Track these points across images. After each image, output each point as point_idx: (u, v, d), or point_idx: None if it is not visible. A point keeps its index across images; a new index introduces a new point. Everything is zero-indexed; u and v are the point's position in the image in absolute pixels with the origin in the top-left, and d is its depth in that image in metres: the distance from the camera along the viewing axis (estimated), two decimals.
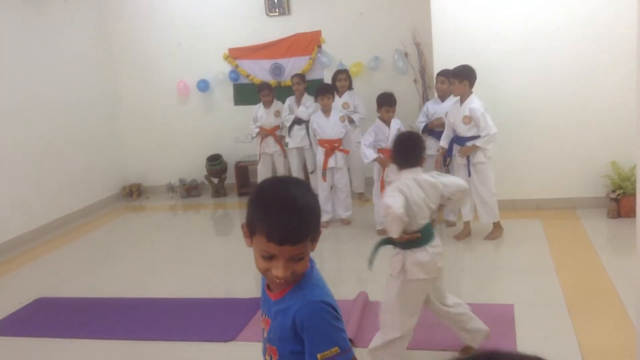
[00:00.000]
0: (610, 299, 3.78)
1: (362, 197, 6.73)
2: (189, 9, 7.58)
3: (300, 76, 6.76)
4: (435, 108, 5.52)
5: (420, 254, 3.01)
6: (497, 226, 5.12)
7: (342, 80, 6.46)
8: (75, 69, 7.23)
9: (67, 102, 7.02)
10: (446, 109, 5.30)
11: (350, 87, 6.54)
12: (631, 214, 4.96)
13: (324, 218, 5.96)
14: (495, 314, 3.67)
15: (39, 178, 6.51)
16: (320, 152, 5.87)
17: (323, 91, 5.83)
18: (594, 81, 5.41)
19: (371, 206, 6.02)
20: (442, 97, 5.48)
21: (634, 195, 3.75)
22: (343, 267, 5.02)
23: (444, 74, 5.36)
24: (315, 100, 5.96)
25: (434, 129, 5.48)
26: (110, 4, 7.79)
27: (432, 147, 5.40)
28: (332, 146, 5.81)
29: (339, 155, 5.84)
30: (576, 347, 3.22)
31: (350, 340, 3.39)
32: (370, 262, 3.09)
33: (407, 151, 3.13)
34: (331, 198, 5.97)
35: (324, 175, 5.85)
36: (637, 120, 2.42)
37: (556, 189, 5.68)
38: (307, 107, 6.58)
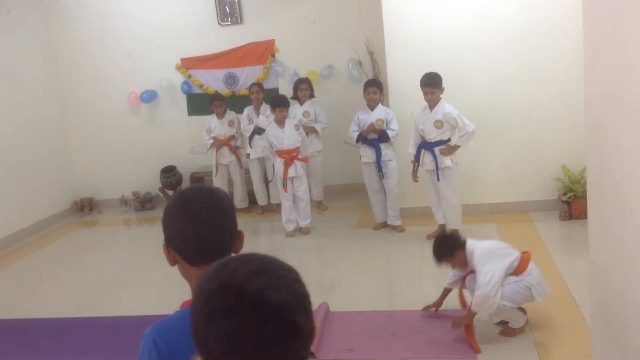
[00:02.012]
0: (564, 300, 3.86)
1: (320, 205, 6.72)
2: (139, 19, 7.44)
3: (259, 85, 6.72)
4: (366, 117, 5.58)
5: None
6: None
7: (304, 90, 6.43)
8: (21, 83, 6.99)
9: (12, 116, 6.78)
10: (376, 117, 5.47)
11: (311, 96, 6.54)
12: (582, 215, 5.11)
13: (289, 228, 5.93)
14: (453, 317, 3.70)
15: None
16: (279, 163, 5.84)
17: (279, 103, 5.81)
18: (544, 87, 5.55)
19: (330, 214, 6.03)
20: (372, 106, 5.56)
21: (584, 197, 3.86)
22: (304, 277, 4.97)
23: (375, 84, 5.62)
24: (272, 112, 5.93)
25: (367, 137, 5.55)
26: (56, 14, 7.57)
27: (369, 155, 5.57)
28: (290, 156, 5.79)
29: (298, 164, 5.83)
30: (534, 349, 3.27)
31: (311, 352, 3.38)
32: None
33: None
34: (295, 207, 5.95)
35: (284, 185, 5.82)
36: (586, 125, 2.48)
37: (510, 193, 5.80)
38: (267, 116, 6.54)
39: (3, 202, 6.51)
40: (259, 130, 6.56)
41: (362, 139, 5.59)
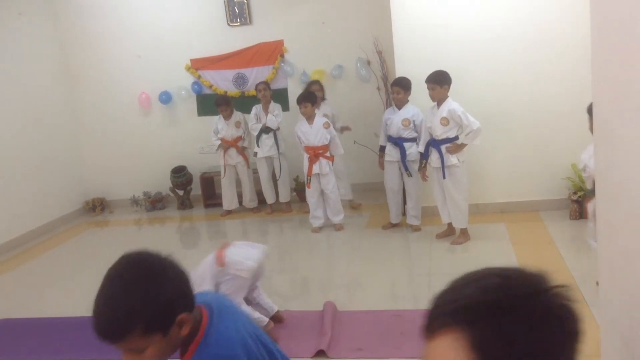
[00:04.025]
0: (576, 301, 3.84)
1: (352, 203, 6.64)
2: (149, 20, 7.49)
3: (266, 83, 6.73)
4: (391, 117, 5.56)
5: None
6: (464, 232, 5.19)
7: (316, 92, 6.27)
8: (33, 84, 7.06)
9: (24, 117, 6.85)
10: (402, 116, 5.42)
11: (323, 98, 6.45)
12: None
13: (314, 224, 5.95)
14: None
15: None
16: (305, 159, 5.87)
17: (301, 99, 5.83)
18: (553, 84, 5.53)
19: (363, 211, 6.04)
20: (399, 106, 5.54)
21: (594, 196, 3.84)
22: (313, 275, 4.99)
23: (398, 83, 5.50)
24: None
25: (392, 136, 5.53)
26: (67, 16, 7.64)
27: (393, 154, 5.53)
28: (315, 152, 5.81)
29: (323, 161, 5.83)
30: None
31: (322, 351, 3.40)
32: None
33: None
34: (322, 204, 5.96)
35: (308, 182, 5.84)
36: (594, 123, 2.47)
37: (519, 192, 5.78)
38: (276, 115, 6.55)
39: (16, 203, 6.58)
40: (266, 130, 6.58)
41: (390, 138, 5.57)
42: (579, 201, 5.39)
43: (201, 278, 3.71)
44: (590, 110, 4.38)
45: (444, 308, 0.95)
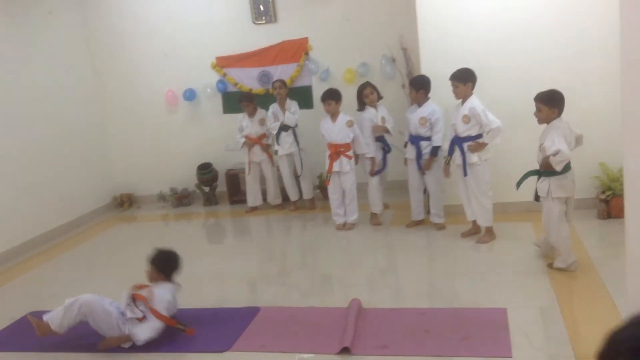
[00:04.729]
0: (603, 299, 3.80)
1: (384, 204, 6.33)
2: (175, 19, 7.58)
3: (281, 81, 6.76)
4: (411, 115, 5.56)
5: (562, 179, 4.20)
6: (489, 230, 5.16)
7: (370, 95, 5.80)
8: (62, 81, 7.20)
9: (55, 114, 6.99)
10: (420, 115, 5.44)
11: (380, 97, 5.93)
12: (621, 214, 4.95)
13: (339, 221, 5.99)
14: (488, 319, 3.69)
15: (28, 190, 6.47)
16: (327, 156, 5.91)
17: (325, 97, 5.85)
18: (582, 82, 5.44)
19: (363, 211, 6.04)
20: (419, 104, 5.52)
21: (622, 195, 3.78)
22: (337, 273, 5.00)
23: (412, 83, 5.56)
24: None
25: (411, 134, 5.54)
26: (95, 14, 7.77)
27: (411, 152, 5.58)
28: (337, 150, 5.82)
29: (344, 160, 5.84)
30: (570, 349, 3.23)
31: (346, 348, 3.42)
32: (518, 185, 4.51)
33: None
34: (344, 202, 5.98)
35: (327, 179, 5.87)
36: (622, 121, 2.44)
37: None
38: (293, 112, 6.59)
39: (47, 198, 6.73)
40: (285, 127, 6.61)
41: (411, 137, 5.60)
42: (607, 200, 5.31)
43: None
44: (541, 98, 4.37)
45: (619, 346, 0.95)
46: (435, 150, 5.43)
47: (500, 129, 4.89)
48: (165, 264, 4.03)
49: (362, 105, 5.88)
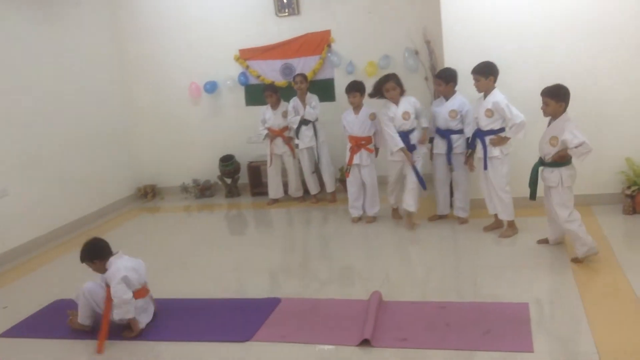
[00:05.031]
0: (627, 296, 3.76)
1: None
2: (200, 11, 7.62)
3: (303, 75, 6.76)
4: (438, 109, 5.49)
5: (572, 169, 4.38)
6: (511, 225, 5.13)
7: (391, 90, 5.43)
8: (89, 72, 7.31)
9: (81, 105, 7.10)
10: (449, 108, 5.37)
11: (402, 92, 5.54)
12: None
13: (353, 214, 6.01)
14: (510, 313, 3.67)
15: (54, 181, 6.59)
16: (347, 148, 5.91)
17: (349, 89, 5.83)
18: (608, 77, 5.37)
19: (384, 204, 6.03)
20: (446, 97, 5.46)
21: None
22: (358, 266, 5.02)
23: (439, 75, 5.44)
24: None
25: (439, 128, 5.48)
26: (122, 6, 7.85)
27: (440, 146, 5.49)
28: (358, 143, 5.82)
29: (364, 153, 5.83)
30: (592, 345, 3.20)
31: (367, 340, 3.43)
32: (532, 194, 4.58)
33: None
34: (362, 195, 5.99)
35: (347, 171, 5.87)
36: None
37: None
38: (313, 107, 6.60)
39: (72, 188, 6.85)
40: (305, 121, 6.63)
41: (436, 129, 5.53)
42: (632, 196, 5.24)
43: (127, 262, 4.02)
44: (548, 92, 4.33)
45: None
46: (472, 143, 5.27)
47: (524, 124, 4.85)
48: (94, 253, 4.05)
49: (378, 94, 5.54)
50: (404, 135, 5.44)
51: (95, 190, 7.28)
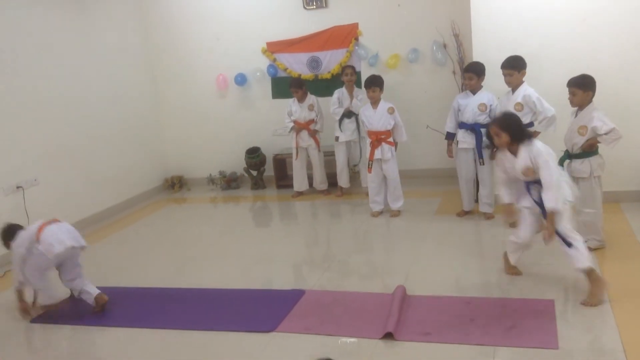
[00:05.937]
0: None
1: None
2: (227, 4, 7.67)
3: (352, 67, 6.75)
4: (465, 102, 5.43)
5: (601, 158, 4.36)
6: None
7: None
8: (117, 64, 7.41)
9: (109, 97, 7.21)
10: (478, 101, 5.32)
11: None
12: None
13: (374, 208, 6.01)
14: (536, 309, 3.64)
15: (83, 171, 6.72)
16: (367, 143, 5.90)
17: (369, 84, 5.82)
18: (635, 72, 5.26)
19: (409, 199, 6.01)
20: (474, 91, 5.41)
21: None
22: (381, 259, 5.02)
23: (470, 69, 5.36)
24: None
25: (466, 122, 5.43)
26: (151, 0, 7.94)
27: (468, 141, 5.44)
28: (378, 137, 5.81)
29: (385, 147, 5.82)
30: (619, 342, 3.17)
31: (390, 333, 3.44)
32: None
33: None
34: (383, 189, 5.99)
35: (369, 166, 5.87)
36: None
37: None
38: (360, 100, 6.56)
39: (102, 179, 6.98)
40: (348, 114, 6.61)
41: (460, 124, 5.49)
42: None
43: (22, 240, 4.08)
44: (575, 83, 4.25)
45: None
46: None
47: (555, 118, 4.80)
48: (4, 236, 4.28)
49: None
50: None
51: (124, 181, 7.40)
